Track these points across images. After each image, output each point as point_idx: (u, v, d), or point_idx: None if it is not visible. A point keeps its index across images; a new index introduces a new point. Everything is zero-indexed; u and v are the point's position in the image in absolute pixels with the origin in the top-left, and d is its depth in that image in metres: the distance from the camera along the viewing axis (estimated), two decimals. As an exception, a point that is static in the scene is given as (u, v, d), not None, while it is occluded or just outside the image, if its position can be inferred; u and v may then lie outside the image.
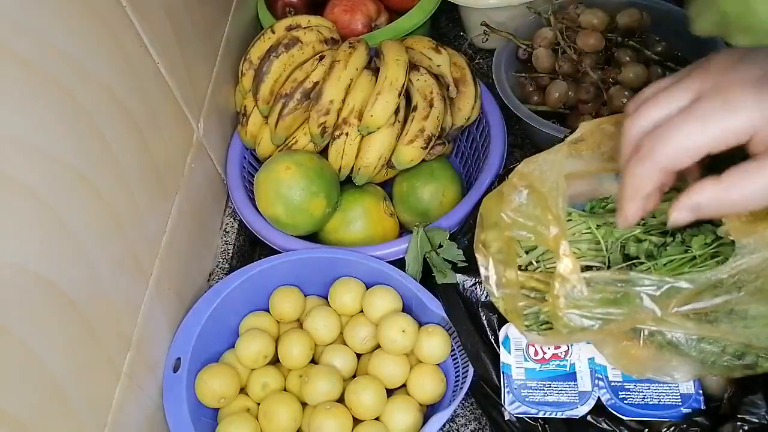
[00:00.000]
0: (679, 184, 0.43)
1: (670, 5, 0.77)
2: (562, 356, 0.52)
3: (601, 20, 0.74)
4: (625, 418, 0.50)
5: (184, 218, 0.62)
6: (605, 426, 0.50)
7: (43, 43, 0.41)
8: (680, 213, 0.38)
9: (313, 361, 0.62)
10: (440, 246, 0.60)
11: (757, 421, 0.45)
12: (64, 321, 0.42)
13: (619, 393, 0.51)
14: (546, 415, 0.51)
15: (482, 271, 0.51)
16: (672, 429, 0.48)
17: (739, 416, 0.45)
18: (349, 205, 0.69)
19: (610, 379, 0.51)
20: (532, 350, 0.53)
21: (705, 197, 0.37)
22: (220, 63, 0.73)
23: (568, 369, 0.52)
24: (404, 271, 0.62)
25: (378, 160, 0.67)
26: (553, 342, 0.50)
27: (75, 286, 0.43)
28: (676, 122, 0.37)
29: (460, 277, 0.58)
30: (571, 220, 0.52)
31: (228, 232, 0.73)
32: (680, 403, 0.50)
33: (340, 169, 0.69)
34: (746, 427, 0.45)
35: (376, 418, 0.56)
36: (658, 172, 0.38)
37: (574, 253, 0.47)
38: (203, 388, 0.57)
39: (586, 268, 0.50)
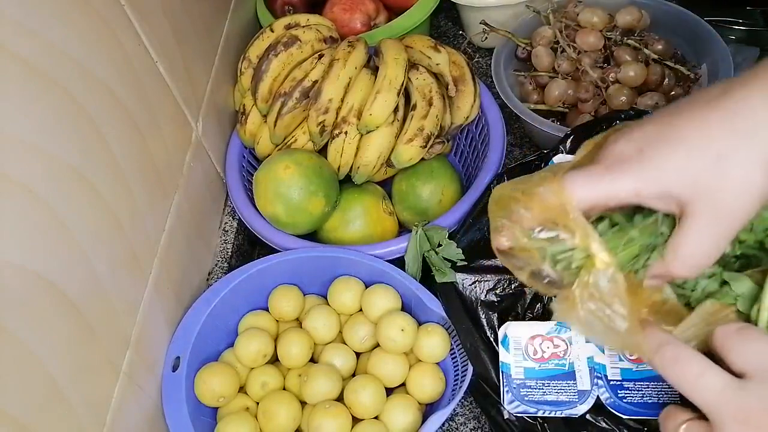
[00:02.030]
0: None
1: (670, 4, 0.77)
2: (561, 355, 0.53)
3: (601, 19, 0.74)
4: (624, 416, 0.50)
5: (183, 217, 0.62)
6: (604, 425, 0.50)
7: (42, 43, 0.41)
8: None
9: (313, 360, 0.62)
10: (439, 245, 0.60)
11: None
12: (63, 321, 0.42)
13: (618, 392, 0.51)
14: (545, 414, 0.51)
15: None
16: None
17: None
18: (348, 204, 0.69)
19: (609, 378, 0.51)
20: (531, 349, 0.53)
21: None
22: (219, 62, 0.73)
23: (567, 368, 0.52)
24: (403, 270, 0.62)
25: (377, 158, 0.67)
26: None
27: (74, 286, 0.43)
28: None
29: (459, 276, 0.58)
30: None
31: (227, 231, 0.73)
32: (679, 402, 0.50)
33: (339, 168, 0.69)
34: None
35: (376, 417, 0.56)
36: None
37: None
38: (202, 387, 0.57)
39: None
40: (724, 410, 0.35)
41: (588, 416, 0.51)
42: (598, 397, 0.51)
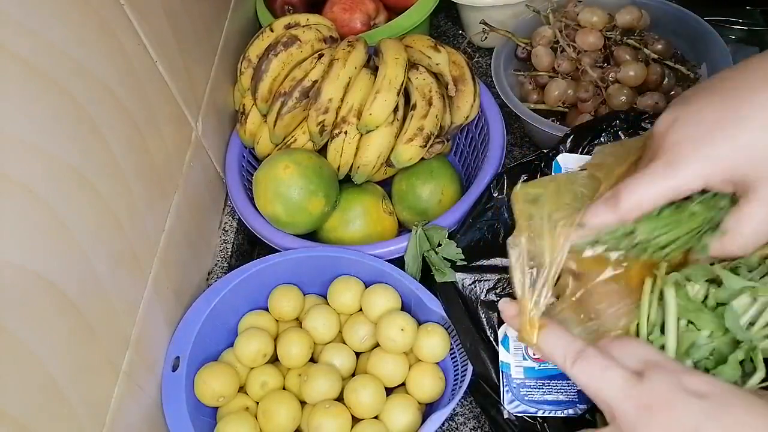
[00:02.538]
0: None
1: (670, 4, 0.77)
2: (561, 355, 0.52)
3: (601, 18, 0.74)
4: (623, 416, 0.50)
5: (183, 217, 0.62)
6: (604, 425, 0.50)
7: (42, 42, 0.41)
8: None
9: (312, 359, 0.62)
10: (439, 245, 0.60)
11: None
12: (63, 321, 0.42)
13: (618, 392, 0.51)
14: (545, 414, 0.51)
15: None
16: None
17: None
18: (348, 203, 0.69)
19: (608, 377, 0.51)
20: (531, 349, 0.53)
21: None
22: (218, 61, 0.73)
23: (567, 368, 0.52)
24: (403, 269, 0.62)
25: (377, 158, 0.67)
26: None
27: (74, 286, 0.43)
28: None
29: (459, 276, 0.58)
30: None
31: (227, 231, 0.73)
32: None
33: (338, 168, 0.69)
34: None
35: (375, 417, 0.56)
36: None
37: None
38: (202, 387, 0.57)
39: None
40: (628, 401, 0.36)
41: (588, 416, 0.51)
42: (597, 396, 0.51)
